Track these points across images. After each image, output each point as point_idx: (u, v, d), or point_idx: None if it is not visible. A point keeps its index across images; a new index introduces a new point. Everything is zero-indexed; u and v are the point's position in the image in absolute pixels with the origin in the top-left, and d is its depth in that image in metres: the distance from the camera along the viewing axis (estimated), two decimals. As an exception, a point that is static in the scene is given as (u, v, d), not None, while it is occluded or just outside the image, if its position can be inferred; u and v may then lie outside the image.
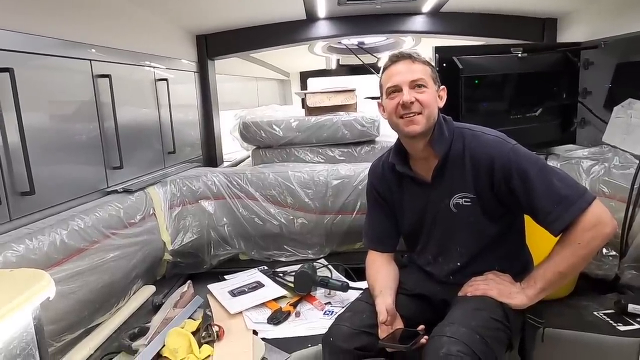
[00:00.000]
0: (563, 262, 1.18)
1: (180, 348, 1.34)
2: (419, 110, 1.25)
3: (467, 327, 1.10)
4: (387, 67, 1.32)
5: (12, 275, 0.84)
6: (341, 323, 1.27)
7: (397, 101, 1.26)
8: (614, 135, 1.94)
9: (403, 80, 1.26)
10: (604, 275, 1.69)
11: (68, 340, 1.34)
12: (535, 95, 2.11)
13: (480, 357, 1.06)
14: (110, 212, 1.56)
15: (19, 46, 1.28)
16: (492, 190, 1.25)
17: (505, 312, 1.20)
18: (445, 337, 1.08)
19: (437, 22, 2.50)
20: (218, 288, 1.80)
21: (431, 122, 1.28)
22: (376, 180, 1.47)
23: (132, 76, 1.92)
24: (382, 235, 1.48)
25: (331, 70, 4.68)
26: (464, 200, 1.29)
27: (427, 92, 1.26)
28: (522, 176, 1.19)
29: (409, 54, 1.30)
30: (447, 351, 1.05)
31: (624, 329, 1.39)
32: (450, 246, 1.34)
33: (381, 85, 1.34)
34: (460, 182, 1.28)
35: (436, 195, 1.33)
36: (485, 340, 1.09)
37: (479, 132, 1.30)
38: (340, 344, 1.22)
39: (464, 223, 1.30)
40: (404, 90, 1.25)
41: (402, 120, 1.27)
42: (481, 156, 1.25)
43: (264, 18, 2.49)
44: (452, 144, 1.30)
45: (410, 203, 1.39)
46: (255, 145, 2.51)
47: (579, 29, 2.20)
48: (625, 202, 1.62)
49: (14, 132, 1.23)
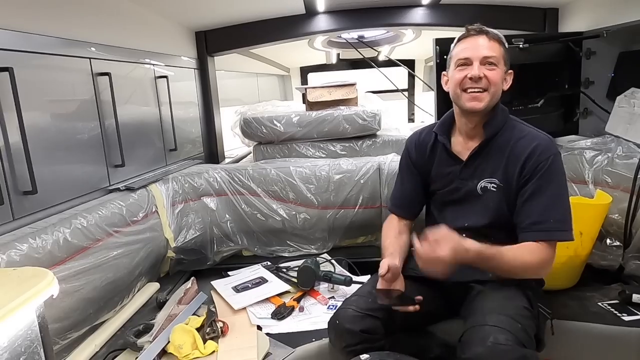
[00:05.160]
0: (512, 263, 1.21)
1: (185, 344, 1.35)
2: (486, 86, 1.26)
3: (507, 316, 1.10)
4: (462, 40, 1.32)
5: (16, 274, 0.84)
6: (348, 306, 1.28)
7: (465, 74, 1.27)
8: (617, 125, 1.93)
9: (475, 55, 1.26)
10: (608, 266, 1.69)
11: (73, 338, 1.35)
12: (537, 86, 2.10)
13: (525, 345, 1.05)
14: (112, 210, 1.57)
15: (18, 45, 1.27)
16: (519, 181, 1.27)
17: (530, 300, 1.21)
18: (488, 326, 1.07)
19: (437, 14, 2.48)
20: (222, 284, 1.80)
21: (493, 102, 1.29)
22: (412, 146, 1.50)
23: (132, 74, 1.92)
24: (407, 200, 1.52)
25: (331, 64, 4.67)
26: (492, 186, 1.31)
27: (497, 70, 1.27)
28: (544, 179, 1.23)
29: (486, 29, 1.30)
30: (494, 340, 1.03)
31: (628, 319, 1.39)
32: (458, 221, 1.35)
33: (451, 56, 1.34)
34: (493, 168, 1.31)
35: (466, 174, 1.35)
36: (525, 328, 1.10)
37: (531, 129, 1.33)
38: (346, 325, 1.24)
39: (483, 206, 1.32)
40: (474, 65, 1.26)
41: (465, 95, 1.28)
42: (524, 147, 1.27)
43: (263, 13, 2.48)
44: (502, 131, 1.32)
45: (438, 174, 1.42)
46: (256, 141, 2.51)
47: (580, 18, 2.18)
48: (628, 192, 1.61)
49: (15, 131, 1.23)
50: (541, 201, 1.23)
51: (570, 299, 1.55)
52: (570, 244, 1.46)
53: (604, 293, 1.56)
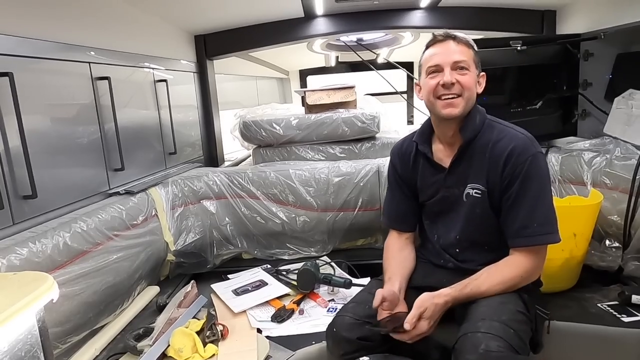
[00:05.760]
0: (494, 288, 1.20)
1: (185, 347, 1.35)
2: (459, 92, 1.24)
3: (500, 322, 1.09)
4: (430, 47, 1.30)
5: (16, 278, 0.84)
6: (344, 313, 1.28)
7: (437, 81, 1.25)
8: (615, 126, 1.93)
9: (445, 61, 1.24)
10: (607, 267, 1.69)
11: (73, 342, 1.35)
12: (535, 88, 2.11)
13: (518, 351, 1.05)
14: (112, 214, 1.57)
15: (18, 50, 1.28)
16: (501, 185, 1.25)
17: (526, 304, 1.20)
18: (480, 333, 1.06)
19: (435, 17, 2.49)
20: (221, 287, 1.80)
21: (469, 107, 1.27)
22: (396, 159, 1.49)
23: (132, 78, 1.92)
24: (401, 214, 1.49)
25: (330, 67, 4.68)
26: (475, 192, 1.29)
27: (469, 74, 1.25)
28: (524, 183, 1.21)
29: (453, 34, 1.28)
30: (486, 347, 1.02)
31: (627, 320, 1.39)
32: (451, 233, 1.35)
33: (421, 64, 1.32)
34: (476, 172, 1.29)
35: (451, 182, 1.33)
36: (518, 333, 1.09)
37: (510, 128, 1.30)
38: (343, 333, 1.23)
39: (470, 214, 1.31)
40: (445, 71, 1.24)
41: (440, 102, 1.26)
42: (502, 149, 1.25)
43: (262, 17, 2.48)
44: (480, 134, 1.29)
45: (424, 184, 1.40)
46: (255, 144, 2.51)
47: (578, 20, 2.19)
48: (627, 193, 1.62)
49: (14, 136, 1.23)
50: (523, 206, 1.21)
51: (569, 300, 1.55)
52: (565, 245, 1.47)
53: (603, 294, 1.56)
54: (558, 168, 1.94)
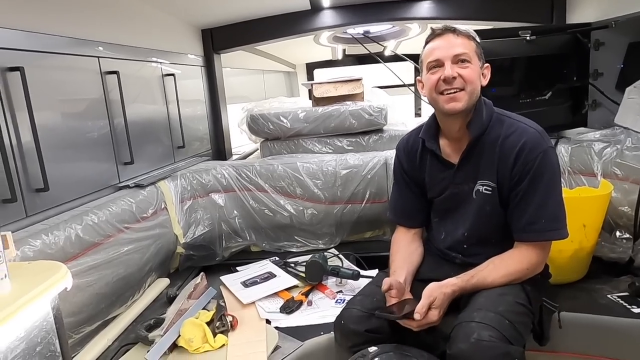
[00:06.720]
0: (500, 280, 1.20)
1: (195, 338, 1.36)
2: (461, 86, 1.21)
3: (495, 312, 1.09)
4: (429, 41, 1.28)
5: (31, 267, 0.86)
6: (352, 306, 1.29)
7: (438, 76, 1.22)
8: (627, 116, 1.90)
9: (445, 55, 1.21)
10: (618, 258, 1.68)
11: (86, 332, 1.37)
12: (545, 78, 2.08)
13: (512, 342, 1.05)
14: (123, 207, 1.59)
15: (28, 45, 1.29)
16: (511, 181, 1.24)
17: (528, 296, 1.20)
18: (474, 323, 1.07)
19: (443, 8, 2.47)
20: (230, 279, 1.82)
21: (473, 100, 1.24)
22: (402, 155, 1.47)
23: (140, 72, 1.94)
24: (407, 209, 1.47)
25: (337, 60, 4.66)
26: (485, 189, 1.27)
27: (471, 67, 1.22)
28: (534, 179, 1.20)
29: (453, 27, 1.25)
30: (478, 337, 1.03)
31: (637, 311, 1.38)
32: (459, 230, 1.35)
33: (422, 60, 1.30)
34: (486, 168, 1.27)
35: (460, 178, 1.31)
36: (514, 324, 1.09)
37: (519, 122, 1.27)
38: (351, 326, 1.24)
39: (480, 210, 1.29)
40: (445, 65, 1.21)
41: (442, 97, 1.23)
42: (513, 145, 1.22)
43: (269, 10, 2.48)
44: (489, 129, 1.26)
45: (432, 181, 1.39)
46: (263, 138, 2.52)
47: (588, 9, 2.15)
48: (638, 183, 1.60)
49: (26, 130, 1.25)
50: (532, 202, 1.20)
51: (579, 292, 1.54)
52: (574, 236, 1.45)
53: (613, 285, 1.55)
54: (568, 159, 1.92)
